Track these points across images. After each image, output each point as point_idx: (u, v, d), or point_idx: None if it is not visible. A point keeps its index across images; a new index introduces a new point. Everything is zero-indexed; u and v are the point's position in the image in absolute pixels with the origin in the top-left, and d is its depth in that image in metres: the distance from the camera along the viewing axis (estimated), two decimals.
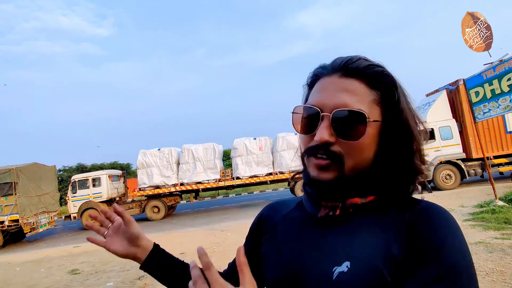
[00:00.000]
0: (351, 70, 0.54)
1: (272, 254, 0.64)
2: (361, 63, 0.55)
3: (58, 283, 5.32)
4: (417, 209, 0.53)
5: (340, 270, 0.52)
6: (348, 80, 0.54)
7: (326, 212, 0.58)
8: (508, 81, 6.08)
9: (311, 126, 0.55)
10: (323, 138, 0.53)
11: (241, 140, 13.14)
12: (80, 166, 28.08)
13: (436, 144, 10.40)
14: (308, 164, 0.57)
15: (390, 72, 0.56)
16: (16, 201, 10.61)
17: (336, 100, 0.53)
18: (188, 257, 6.39)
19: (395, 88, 0.55)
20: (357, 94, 0.53)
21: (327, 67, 0.58)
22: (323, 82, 0.57)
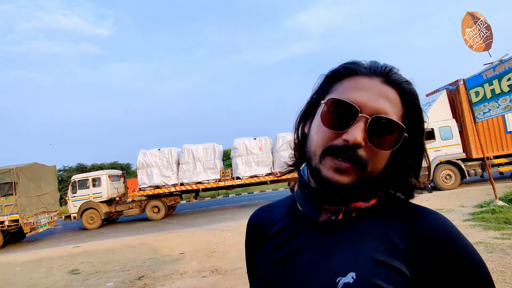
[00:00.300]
0: (393, 79, 0.54)
1: (267, 265, 0.60)
2: (401, 76, 0.55)
3: (58, 283, 5.32)
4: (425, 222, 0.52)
5: (345, 281, 0.49)
6: (389, 88, 0.53)
7: (328, 216, 0.55)
8: (508, 81, 6.08)
9: (343, 123, 0.52)
10: (357, 140, 0.49)
11: (241, 140, 13.13)
12: (80, 166, 28.07)
13: (436, 144, 10.40)
14: (323, 163, 0.52)
15: (417, 93, 0.56)
16: (16, 201, 10.61)
17: (378, 105, 0.51)
18: (188, 257, 6.43)
19: (419, 109, 0.56)
20: (395, 105, 0.53)
21: (366, 68, 0.55)
22: (361, 81, 0.54)
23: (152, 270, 5.35)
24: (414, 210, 0.55)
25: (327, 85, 0.58)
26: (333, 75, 0.58)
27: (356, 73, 0.55)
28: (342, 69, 0.57)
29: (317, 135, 0.55)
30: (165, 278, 4.77)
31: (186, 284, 4.39)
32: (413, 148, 0.56)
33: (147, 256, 6.44)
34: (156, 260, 5.99)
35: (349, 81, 0.55)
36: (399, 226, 0.53)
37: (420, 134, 0.56)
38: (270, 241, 0.62)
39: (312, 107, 0.61)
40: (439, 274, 0.47)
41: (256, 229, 0.68)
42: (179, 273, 4.93)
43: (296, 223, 0.61)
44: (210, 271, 4.81)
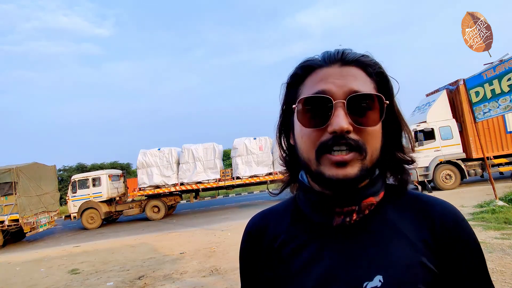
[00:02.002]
0: (349, 59, 0.53)
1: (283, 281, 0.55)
2: (356, 53, 0.54)
3: (58, 282, 5.32)
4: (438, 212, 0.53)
5: (372, 285, 0.47)
6: (350, 68, 0.52)
7: (342, 219, 0.52)
8: (508, 81, 6.08)
9: (322, 118, 0.50)
10: (343, 127, 0.47)
11: (241, 140, 13.13)
12: (80, 166, 28.07)
13: (436, 144, 10.39)
14: (322, 164, 0.49)
15: (379, 62, 0.55)
16: (16, 201, 10.61)
17: (347, 86, 0.50)
18: (188, 257, 6.42)
19: (386, 78, 0.55)
20: (363, 81, 0.52)
21: (321, 59, 0.55)
22: (322, 72, 0.53)
23: (152, 270, 5.35)
24: (425, 202, 0.55)
25: (292, 92, 0.57)
26: (294, 80, 0.57)
27: (314, 68, 0.54)
28: (299, 70, 0.56)
29: (303, 140, 0.52)
30: (165, 278, 4.77)
31: (186, 284, 4.39)
32: (390, 117, 0.54)
33: (147, 256, 6.44)
34: (156, 260, 5.99)
35: (311, 77, 0.54)
36: (415, 221, 0.52)
37: (392, 101, 0.54)
38: (278, 253, 0.57)
39: (286, 117, 0.60)
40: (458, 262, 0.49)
41: (257, 240, 0.61)
42: (179, 273, 4.93)
43: (306, 231, 0.56)
44: (210, 271, 4.81)
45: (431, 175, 10.23)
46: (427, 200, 0.55)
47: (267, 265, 0.58)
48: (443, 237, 0.50)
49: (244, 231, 0.65)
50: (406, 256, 0.49)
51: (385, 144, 0.54)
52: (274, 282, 0.56)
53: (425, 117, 10.62)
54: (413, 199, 0.55)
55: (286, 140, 0.62)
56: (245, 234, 0.65)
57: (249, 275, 0.63)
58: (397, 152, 0.56)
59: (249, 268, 0.62)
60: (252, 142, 13.06)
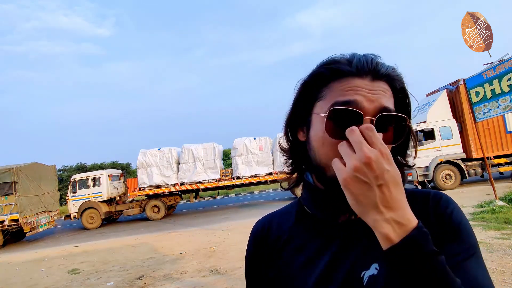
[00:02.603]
0: (382, 73, 0.53)
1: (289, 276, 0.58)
2: (387, 65, 0.54)
3: (58, 282, 5.32)
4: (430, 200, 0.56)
5: (369, 274, 0.51)
6: (380, 82, 0.53)
7: (347, 216, 0.56)
8: (508, 81, 6.08)
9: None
10: None
11: (241, 140, 13.13)
12: (80, 166, 28.07)
13: (436, 144, 10.39)
14: None
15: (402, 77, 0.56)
16: (16, 201, 10.61)
17: (377, 102, 0.51)
18: (188, 257, 6.41)
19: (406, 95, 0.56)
20: (389, 96, 0.53)
21: (353, 66, 0.53)
22: (353, 82, 0.52)
23: (152, 269, 5.35)
24: (420, 194, 0.58)
25: (311, 91, 0.56)
26: (315, 80, 0.56)
27: (343, 73, 0.53)
28: (326, 71, 0.54)
29: (325, 147, 0.53)
30: (165, 278, 4.77)
31: (186, 284, 4.39)
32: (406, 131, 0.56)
33: (147, 255, 6.44)
34: (156, 260, 5.99)
35: (339, 83, 0.53)
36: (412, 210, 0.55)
37: (409, 116, 0.57)
38: (284, 249, 0.61)
39: (298, 114, 0.60)
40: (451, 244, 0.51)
41: (263, 240, 0.65)
42: (179, 273, 4.93)
43: (310, 229, 0.60)
44: (210, 271, 4.81)
45: (431, 175, 10.23)
46: (421, 193, 0.59)
47: (272, 265, 0.61)
48: (437, 223, 0.53)
49: (249, 235, 0.68)
50: None
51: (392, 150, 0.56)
52: (280, 280, 0.59)
53: (425, 117, 10.62)
54: (409, 194, 0.57)
55: (292, 134, 0.63)
56: (250, 238, 0.68)
57: (254, 278, 0.65)
58: (400, 156, 0.60)
59: (254, 270, 0.65)
60: (252, 142, 13.06)
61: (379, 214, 0.41)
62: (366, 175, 0.41)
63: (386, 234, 0.40)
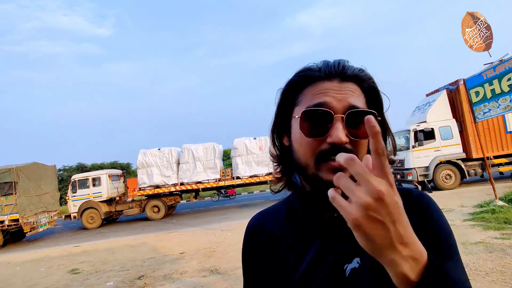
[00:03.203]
0: (349, 75, 0.58)
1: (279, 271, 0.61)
2: (354, 67, 0.59)
3: (58, 282, 5.32)
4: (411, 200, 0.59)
5: (351, 267, 0.55)
6: (348, 83, 0.57)
7: (330, 214, 0.59)
8: (508, 81, 6.08)
9: (322, 129, 0.55)
10: (341, 139, 0.53)
11: (241, 140, 13.14)
12: (80, 166, 28.08)
13: (436, 144, 10.39)
14: (321, 170, 0.55)
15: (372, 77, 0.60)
16: (16, 201, 10.62)
17: (345, 102, 0.55)
18: (188, 257, 6.39)
19: (377, 93, 0.60)
20: (358, 95, 0.57)
21: (321, 72, 0.58)
22: (322, 86, 0.57)
23: (152, 269, 5.35)
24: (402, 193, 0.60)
25: (289, 98, 0.61)
26: (291, 88, 0.61)
27: (315, 79, 0.58)
28: (299, 78, 0.60)
29: (302, 147, 0.57)
30: (165, 278, 4.77)
31: (186, 284, 4.39)
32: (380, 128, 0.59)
33: (147, 255, 6.44)
34: (156, 260, 5.99)
35: (311, 88, 0.58)
36: None
37: (382, 112, 0.60)
38: (275, 247, 0.64)
39: (281, 121, 0.64)
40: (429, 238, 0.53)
41: (256, 238, 0.68)
42: (179, 273, 4.93)
43: (299, 226, 0.63)
44: (210, 271, 4.82)
45: (431, 175, 10.23)
46: (403, 191, 0.61)
47: (266, 260, 0.64)
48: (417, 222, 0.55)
49: (245, 232, 0.72)
50: None
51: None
52: (273, 275, 0.62)
53: (425, 117, 10.62)
54: None
55: (278, 140, 0.67)
56: (245, 234, 0.71)
57: (250, 272, 0.69)
58: None
59: (250, 265, 0.69)
60: (252, 142, 13.06)
61: (396, 253, 0.38)
62: (380, 212, 0.37)
63: (404, 274, 0.38)
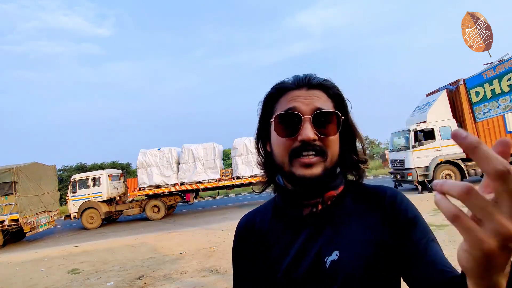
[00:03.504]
0: (314, 83, 0.67)
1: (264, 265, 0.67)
2: (319, 78, 0.68)
3: (58, 282, 5.32)
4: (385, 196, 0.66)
5: (331, 259, 0.60)
6: (315, 90, 0.67)
7: (309, 210, 0.66)
8: (508, 81, 6.08)
9: (293, 129, 0.63)
10: (310, 136, 0.60)
11: (241, 140, 13.13)
12: (80, 166, 28.03)
13: (436, 144, 10.39)
14: (294, 166, 0.62)
15: (337, 85, 0.70)
16: (16, 201, 10.61)
17: (311, 105, 0.64)
18: (188, 257, 6.39)
19: (342, 98, 0.69)
20: (324, 100, 0.66)
21: (291, 83, 0.68)
22: (292, 94, 0.66)
23: (152, 269, 5.35)
24: (376, 190, 0.68)
25: (268, 108, 0.71)
26: (269, 99, 0.71)
27: (287, 89, 0.68)
28: (275, 91, 0.70)
29: (278, 147, 0.65)
30: (165, 278, 4.77)
31: (186, 284, 4.39)
32: (346, 128, 0.69)
33: (147, 255, 6.44)
34: (156, 260, 5.99)
35: (284, 97, 0.68)
36: (368, 206, 0.65)
37: (347, 116, 0.69)
38: (263, 243, 0.70)
39: (263, 129, 0.73)
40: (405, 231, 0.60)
41: (246, 235, 0.75)
42: (179, 273, 4.93)
43: (282, 223, 0.69)
44: (210, 270, 4.82)
45: (431, 175, 10.23)
46: (377, 189, 0.68)
47: (254, 256, 0.70)
48: (393, 217, 0.62)
49: (235, 230, 0.79)
50: (358, 234, 0.62)
51: (343, 149, 0.68)
52: (261, 270, 0.67)
53: (425, 117, 10.62)
54: (368, 190, 0.69)
55: (263, 147, 0.75)
56: (235, 233, 0.79)
57: (239, 269, 0.75)
58: (353, 154, 0.71)
59: (239, 263, 0.76)
60: (252, 142, 12.99)
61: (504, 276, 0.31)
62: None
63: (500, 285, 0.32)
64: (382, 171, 21.56)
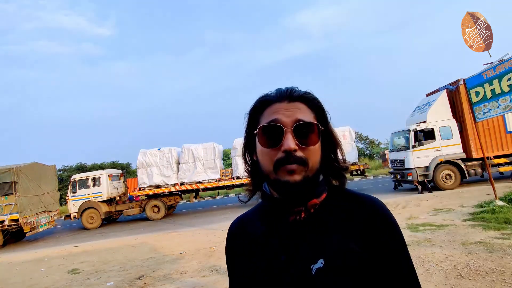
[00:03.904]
0: (295, 96, 0.70)
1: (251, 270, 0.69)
2: (300, 91, 0.71)
3: (58, 282, 5.32)
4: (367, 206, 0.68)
5: (316, 267, 0.61)
6: (296, 103, 0.69)
7: (294, 218, 0.67)
8: (508, 81, 6.08)
9: (276, 140, 0.65)
10: (291, 147, 0.63)
11: (241, 140, 13.06)
12: (80, 166, 28.03)
13: (436, 144, 10.39)
14: (278, 174, 0.64)
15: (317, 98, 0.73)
16: (16, 201, 10.61)
17: (293, 117, 0.67)
18: (188, 257, 6.39)
19: (323, 110, 0.72)
20: (305, 112, 0.69)
21: (274, 96, 0.71)
22: (275, 107, 0.69)
23: (152, 269, 5.35)
24: (359, 198, 0.70)
25: (253, 120, 0.73)
26: (254, 111, 0.73)
27: (270, 102, 0.71)
28: (258, 104, 0.73)
29: (263, 157, 0.68)
30: (165, 278, 4.77)
31: (186, 284, 4.39)
32: (326, 137, 0.72)
33: (147, 255, 6.45)
34: (156, 260, 5.99)
35: (268, 110, 0.70)
36: (350, 214, 0.67)
37: (327, 126, 0.72)
38: (249, 248, 0.72)
39: (250, 139, 0.76)
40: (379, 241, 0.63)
41: (234, 240, 0.78)
42: (179, 273, 4.93)
43: (269, 230, 0.71)
44: (210, 270, 4.82)
45: (431, 175, 10.23)
46: (361, 197, 0.70)
47: (244, 259, 0.72)
48: (371, 227, 0.64)
49: (227, 234, 0.81)
50: (342, 243, 0.63)
51: (324, 157, 0.71)
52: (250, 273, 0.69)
53: (425, 117, 10.62)
54: (350, 197, 0.71)
55: (249, 157, 0.78)
56: (228, 236, 0.80)
57: (234, 269, 0.76)
58: (334, 162, 0.74)
59: (233, 264, 0.77)
60: None
61: None
62: None
63: None
64: (382, 171, 21.56)
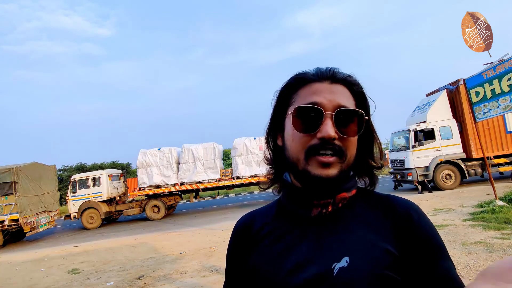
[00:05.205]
0: (338, 78, 0.62)
1: (267, 263, 0.62)
2: (344, 73, 0.63)
3: (58, 282, 5.32)
4: (402, 207, 0.61)
5: (340, 266, 0.55)
6: (338, 85, 0.61)
7: (319, 211, 0.61)
8: (508, 81, 6.08)
9: (313, 125, 0.58)
10: (331, 134, 0.56)
11: (241, 140, 13.13)
12: (80, 166, 28.02)
13: (436, 144, 10.39)
14: (310, 164, 0.58)
15: (361, 83, 0.65)
16: (16, 201, 10.61)
17: (335, 101, 0.59)
18: (188, 257, 6.40)
19: (365, 97, 0.64)
20: (348, 97, 0.61)
21: (314, 74, 0.63)
22: (315, 86, 0.61)
23: (152, 269, 5.35)
24: (389, 198, 0.64)
25: (284, 99, 0.65)
26: (287, 89, 0.65)
27: (307, 81, 0.62)
28: (294, 81, 0.64)
29: (294, 142, 0.60)
30: (165, 278, 4.77)
31: (186, 284, 4.39)
32: (366, 130, 0.63)
33: (147, 255, 6.44)
34: (156, 260, 5.99)
35: (304, 89, 0.62)
36: (381, 214, 0.61)
37: (369, 117, 0.64)
38: (264, 240, 0.65)
39: (276, 121, 0.68)
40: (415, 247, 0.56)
41: (245, 233, 0.70)
42: (179, 273, 4.93)
43: (288, 222, 0.64)
44: (210, 270, 4.82)
45: (431, 175, 10.23)
46: (393, 199, 0.63)
47: (252, 252, 0.66)
48: (404, 228, 0.58)
49: (232, 229, 0.75)
50: (370, 242, 0.57)
51: (360, 152, 0.63)
52: (258, 267, 0.63)
53: (425, 117, 10.62)
54: (381, 198, 0.65)
55: (273, 141, 0.70)
56: (233, 231, 0.74)
57: (234, 266, 0.70)
58: (369, 159, 0.66)
59: (235, 260, 0.70)
60: (252, 142, 13.06)
61: None
62: None
63: None
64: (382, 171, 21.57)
